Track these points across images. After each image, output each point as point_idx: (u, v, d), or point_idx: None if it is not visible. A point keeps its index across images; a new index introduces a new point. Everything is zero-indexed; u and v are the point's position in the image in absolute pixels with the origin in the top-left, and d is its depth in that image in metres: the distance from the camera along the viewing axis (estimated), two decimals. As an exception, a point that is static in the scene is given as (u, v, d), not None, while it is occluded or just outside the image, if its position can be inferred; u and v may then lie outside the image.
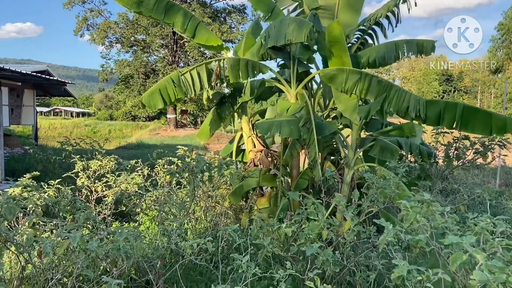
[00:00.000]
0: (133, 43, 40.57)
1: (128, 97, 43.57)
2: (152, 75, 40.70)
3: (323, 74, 5.72)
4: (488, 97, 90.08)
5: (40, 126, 38.88)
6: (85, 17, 39.50)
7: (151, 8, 5.85)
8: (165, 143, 32.30)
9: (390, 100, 5.04)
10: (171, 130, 42.73)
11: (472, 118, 4.71)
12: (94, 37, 39.54)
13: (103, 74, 41.70)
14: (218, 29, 38.94)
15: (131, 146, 29.20)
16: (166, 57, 41.69)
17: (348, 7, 6.71)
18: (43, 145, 22.46)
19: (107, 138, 38.33)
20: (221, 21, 41.98)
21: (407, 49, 5.92)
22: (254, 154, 6.35)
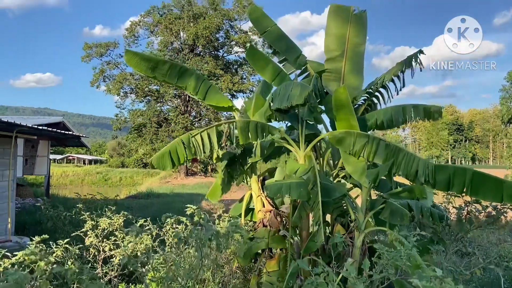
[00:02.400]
0: (147, 93, 41.82)
1: (140, 145, 44.26)
2: (164, 124, 41.50)
3: (331, 137, 5.81)
4: (501, 146, 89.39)
5: (52, 173, 39.36)
6: (102, 69, 41.11)
7: (164, 73, 6.11)
8: (175, 191, 32.31)
9: (398, 165, 5.06)
10: (181, 178, 42.91)
11: (482, 184, 4.69)
12: (110, 88, 40.92)
13: (117, 123, 42.69)
14: (230, 80, 40.10)
15: (141, 195, 29.23)
16: (178, 107, 42.70)
17: (353, 70, 6.92)
18: (54, 195, 22.65)
19: (116, 195, 38.52)
20: (232, 73, 43.26)
21: (414, 113, 6.02)
22: (263, 214, 6.32)
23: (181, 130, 38.87)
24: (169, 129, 40.09)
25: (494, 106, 64.49)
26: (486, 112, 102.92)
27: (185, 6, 41.42)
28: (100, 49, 40.15)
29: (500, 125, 48.92)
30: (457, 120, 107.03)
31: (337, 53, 7.21)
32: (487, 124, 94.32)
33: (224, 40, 44.43)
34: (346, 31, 7.23)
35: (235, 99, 44.19)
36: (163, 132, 40.17)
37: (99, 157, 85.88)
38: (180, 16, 40.78)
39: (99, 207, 8.62)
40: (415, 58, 6.18)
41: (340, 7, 7.55)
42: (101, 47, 40.18)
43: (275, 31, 7.13)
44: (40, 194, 21.25)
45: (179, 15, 40.91)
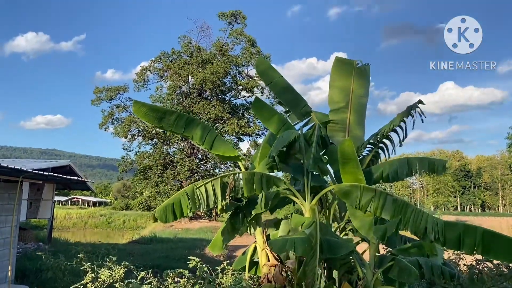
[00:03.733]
0: (154, 136, 42.26)
1: (145, 187, 44.16)
2: (170, 167, 41.57)
3: (337, 189, 5.75)
4: (510, 194, 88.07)
5: (56, 216, 39.09)
6: (111, 112, 41.87)
7: (171, 123, 6.18)
8: (178, 236, 31.78)
9: (406, 221, 4.95)
10: (185, 222, 42.35)
11: (494, 244, 4.55)
12: (118, 130, 41.48)
13: (123, 165, 42.88)
14: (236, 124, 40.54)
15: (144, 240, 28.75)
16: (185, 150, 42.94)
17: (358, 121, 6.99)
18: (57, 239, 22.35)
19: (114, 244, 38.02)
20: (239, 116, 43.80)
21: (419, 166, 5.98)
22: (268, 268, 6.13)
23: (187, 173, 38.85)
24: (175, 171, 40.12)
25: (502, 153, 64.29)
26: (493, 159, 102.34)
27: (194, 52, 42.71)
28: (110, 93, 41.09)
29: (509, 173, 48.39)
30: (465, 166, 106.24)
31: (342, 105, 7.30)
32: (495, 171, 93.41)
33: (231, 85, 45.39)
34: (350, 83, 7.35)
35: (241, 142, 44.52)
36: (169, 174, 40.17)
37: (104, 199, 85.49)
38: (189, 61, 41.94)
39: (100, 256, 8.45)
40: (415, 108, 6.22)
41: (344, 60, 7.74)
42: (111, 91, 41.14)
43: (280, 83, 7.26)
44: (42, 238, 20.97)
45: (188, 61, 42.09)
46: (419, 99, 6.68)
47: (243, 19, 43.69)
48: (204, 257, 15.26)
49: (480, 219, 56.44)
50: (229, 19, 43.45)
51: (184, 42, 43.92)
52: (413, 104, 6.68)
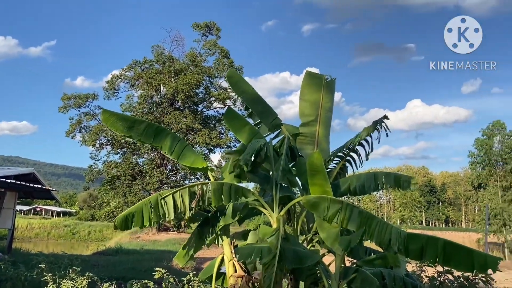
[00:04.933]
0: (123, 145, 41.43)
1: (112, 198, 43.10)
2: (139, 177, 40.79)
3: (305, 201, 5.81)
4: (472, 210, 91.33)
5: (17, 226, 37.50)
6: (79, 120, 40.86)
7: (140, 133, 6.12)
8: (145, 248, 31.08)
9: (371, 232, 5.06)
10: (153, 233, 41.50)
11: (454, 254, 4.72)
12: (85, 138, 40.46)
13: (90, 174, 41.76)
14: (208, 135, 40.36)
15: (110, 251, 27.95)
16: (154, 160, 42.28)
17: (325, 134, 7.14)
18: (18, 250, 21.39)
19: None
20: (211, 128, 43.62)
21: (386, 181, 6.15)
22: (235, 279, 6.09)
23: (156, 184, 38.23)
24: (144, 182, 39.39)
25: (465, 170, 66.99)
26: (457, 175, 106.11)
27: (167, 62, 42.45)
28: (79, 100, 40.13)
29: (471, 189, 50.21)
30: (430, 182, 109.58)
31: (312, 118, 7.44)
32: (459, 187, 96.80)
33: (204, 96, 45.25)
34: (319, 97, 7.51)
35: (212, 153, 44.28)
36: (137, 185, 39.39)
37: (68, 209, 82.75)
38: (161, 71, 41.61)
39: (62, 267, 8.16)
40: (380, 123, 6.42)
41: (314, 75, 7.91)
42: (80, 98, 40.19)
43: (251, 94, 7.33)
44: (1, 248, 20.03)
45: (160, 70, 41.76)
46: (384, 114, 6.90)
47: (217, 31, 43.86)
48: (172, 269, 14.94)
49: (444, 234, 58.13)
50: (203, 30, 43.52)
51: (157, 51, 43.62)
52: (379, 119, 6.90)
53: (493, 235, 38.18)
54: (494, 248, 40.88)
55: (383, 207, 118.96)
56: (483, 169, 43.07)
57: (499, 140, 42.87)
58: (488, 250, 14.80)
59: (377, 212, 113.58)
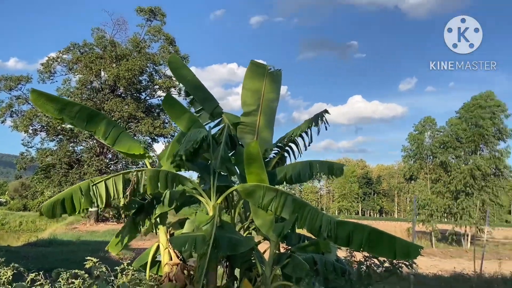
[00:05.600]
0: (59, 132, 39.23)
1: (47, 187, 40.78)
2: (76, 166, 38.92)
3: (242, 189, 5.88)
4: (404, 200, 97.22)
5: None
6: (10, 104, 38.11)
7: (73, 116, 5.83)
8: (82, 239, 29.79)
9: (304, 219, 5.23)
10: (91, 224, 39.83)
11: (379, 241, 5.00)
12: (17, 124, 37.79)
13: (22, 162, 39.18)
14: (151, 124, 39.29)
15: (42, 242, 26.51)
16: (93, 148, 40.50)
17: (267, 124, 7.21)
18: None
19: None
20: (154, 117, 42.46)
21: (320, 169, 6.37)
22: (170, 267, 6.05)
23: (95, 173, 36.68)
24: (82, 171, 37.64)
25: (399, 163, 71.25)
26: (392, 168, 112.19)
27: (108, 46, 40.62)
28: (10, 83, 37.34)
29: (403, 182, 53.30)
30: (367, 174, 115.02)
31: (253, 108, 7.49)
32: (393, 179, 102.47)
33: (148, 84, 43.91)
34: (261, 87, 7.57)
35: (155, 143, 43.20)
36: (74, 174, 37.55)
37: (-3, 199, 77.31)
38: (102, 55, 39.75)
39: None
40: (321, 116, 6.61)
41: (258, 64, 7.96)
42: (12, 81, 37.40)
43: (193, 82, 7.24)
44: None
45: (101, 55, 39.88)
46: (325, 108, 7.13)
47: (162, 16, 42.55)
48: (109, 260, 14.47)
49: (377, 223, 61.31)
50: (148, 15, 42.02)
51: (98, 34, 41.49)
52: (320, 112, 7.11)
53: (421, 224, 40.87)
54: (422, 236, 43.76)
55: (323, 198, 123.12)
56: (415, 162, 45.84)
57: (429, 135, 45.84)
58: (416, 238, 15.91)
59: (317, 202, 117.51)
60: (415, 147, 45.64)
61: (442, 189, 42.46)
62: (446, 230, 43.78)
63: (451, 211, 41.97)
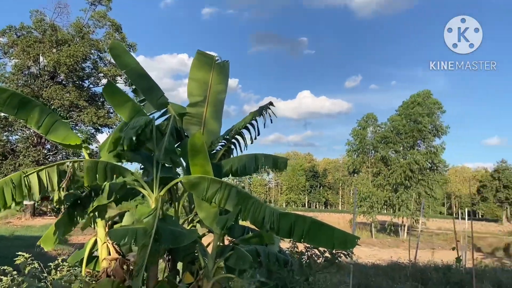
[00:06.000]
0: (-8, 120, 36.56)
1: (-24, 179, 37.88)
2: (11, 156, 36.50)
3: (185, 181, 5.76)
4: (348, 193, 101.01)
5: None
6: None
7: (2, 102, 5.40)
8: (16, 234, 28.02)
9: (247, 211, 5.21)
10: (26, 218, 37.60)
11: (318, 232, 5.10)
12: None
13: None
14: (95, 114, 37.66)
15: (-30, 238, 24.65)
16: (30, 138, 38.14)
17: (214, 116, 7.11)
18: None
19: None
20: (98, 106, 40.70)
21: (265, 162, 6.39)
22: (108, 263, 5.82)
23: (31, 164, 34.60)
24: (17, 162, 35.35)
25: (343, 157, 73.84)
26: (337, 162, 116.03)
27: (48, 31, 38.27)
28: None
29: (347, 175, 55.42)
30: (314, 167, 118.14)
31: (200, 98, 7.35)
32: (337, 172, 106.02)
33: (91, 71, 41.94)
34: (209, 78, 7.44)
35: (99, 133, 41.46)
36: (8, 165, 35.18)
37: None
38: (41, 40, 37.40)
39: None
40: (266, 109, 6.63)
41: (205, 55, 7.80)
42: None
43: (136, 69, 6.96)
44: None
45: (40, 39, 37.51)
46: (270, 100, 7.13)
47: (107, 1, 40.67)
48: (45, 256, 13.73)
49: (322, 215, 63.36)
50: (92, -1, 40.10)
51: (37, 17, 38.89)
52: (265, 105, 7.12)
53: (363, 216, 42.76)
54: (363, 227, 45.83)
55: (271, 190, 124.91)
56: (358, 156, 47.88)
57: (371, 130, 48.06)
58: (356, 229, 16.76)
59: (266, 195, 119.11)
60: (358, 141, 47.61)
61: (382, 182, 44.61)
62: (385, 221, 46.14)
63: (391, 203, 44.23)
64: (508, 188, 78.74)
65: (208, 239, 6.38)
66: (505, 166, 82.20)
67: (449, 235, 41.82)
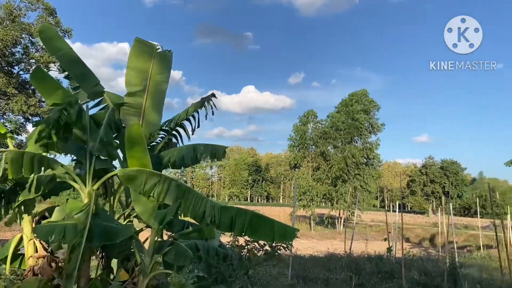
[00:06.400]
0: None
1: None
2: None
3: (122, 174, 5.49)
4: (289, 187, 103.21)
5: None
6: None
7: None
8: None
9: (187, 205, 5.08)
10: None
11: (259, 225, 5.09)
12: None
13: None
14: (25, 102, 35.14)
15: None
16: (-51, 127, 34.81)
17: (154, 107, 6.85)
18: None
19: None
20: (28, 94, 37.98)
21: (204, 152, 6.28)
22: (35, 261, 5.42)
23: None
24: None
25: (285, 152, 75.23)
26: (279, 157, 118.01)
27: (-27, 11, 35.07)
28: None
29: (289, 169, 56.61)
30: (257, 162, 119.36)
31: (139, 88, 7.04)
32: (280, 167, 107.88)
33: (22, 57, 39.03)
34: (149, 67, 7.15)
35: (30, 123, 38.76)
36: None
37: None
38: (-36, 21, 34.20)
39: None
40: (208, 100, 6.51)
41: (145, 43, 7.48)
42: None
43: (68, 55, 6.52)
44: None
45: (-37, 20, 34.29)
46: (212, 92, 7.01)
47: (41, -18, 38.08)
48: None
49: (264, 208, 64.22)
50: (24, -21, 37.24)
51: (-40, -4, 35.54)
52: (207, 96, 6.98)
53: (302, 209, 43.94)
54: (303, 220, 47.09)
55: (214, 184, 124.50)
56: (299, 151, 49.07)
57: (312, 126, 49.49)
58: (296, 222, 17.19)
59: (208, 189, 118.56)
60: (299, 137, 48.83)
61: (322, 176, 46.06)
62: (323, 214, 47.73)
63: (329, 196, 45.83)
64: (434, 183, 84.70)
65: (146, 235, 6.16)
66: (432, 162, 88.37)
67: (381, 227, 44.21)
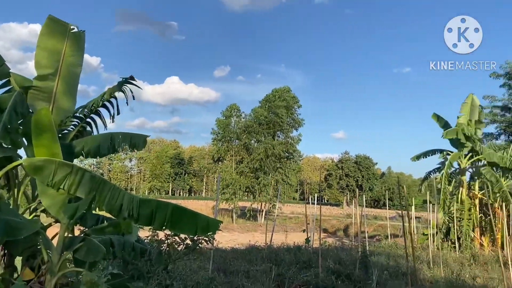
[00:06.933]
0: None
1: None
2: None
3: (27, 164, 4.98)
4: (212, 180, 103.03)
5: None
6: None
7: None
8: None
9: (103, 199, 4.75)
10: None
11: (180, 218, 4.94)
12: None
13: None
14: None
15: None
16: None
17: (67, 91, 6.33)
18: None
19: None
20: None
21: (122, 141, 5.94)
22: None
23: None
24: None
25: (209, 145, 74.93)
26: (203, 150, 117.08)
27: None
28: None
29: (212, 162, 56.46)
30: (180, 155, 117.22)
31: (50, 71, 6.45)
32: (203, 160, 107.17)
33: None
34: (62, 48, 6.57)
35: None
36: None
37: None
38: None
39: None
40: (126, 84, 6.16)
41: (58, 21, 6.85)
42: None
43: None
44: None
45: None
46: (131, 75, 6.61)
47: None
48: None
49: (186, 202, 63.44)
50: None
51: None
52: (124, 79, 6.57)
53: (225, 202, 44.10)
54: (225, 213, 47.29)
55: (133, 178, 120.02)
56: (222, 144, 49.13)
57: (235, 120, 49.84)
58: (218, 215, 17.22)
59: (127, 182, 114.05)
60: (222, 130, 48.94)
61: (245, 169, 46.58)
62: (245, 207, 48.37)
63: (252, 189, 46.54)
64: (349, 177, 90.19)
65: (55, 230, 5.68)
66: (347, 157, 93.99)
67: (300, 219, 45.99)
